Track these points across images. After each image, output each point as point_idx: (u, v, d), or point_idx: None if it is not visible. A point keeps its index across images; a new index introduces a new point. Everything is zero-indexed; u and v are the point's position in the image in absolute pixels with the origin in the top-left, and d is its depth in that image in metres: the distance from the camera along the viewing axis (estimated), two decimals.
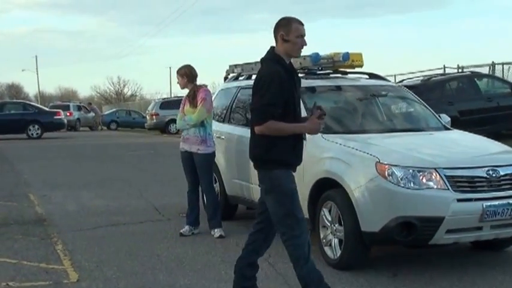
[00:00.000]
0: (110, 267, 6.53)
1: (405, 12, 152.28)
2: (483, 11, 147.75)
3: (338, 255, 6.34)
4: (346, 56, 7.80)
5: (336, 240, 6.40)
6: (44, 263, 6.66)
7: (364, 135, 6.89)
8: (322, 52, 7.89)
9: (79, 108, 47.73)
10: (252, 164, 7.80)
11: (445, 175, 5.86)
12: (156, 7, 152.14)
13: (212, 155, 7.91)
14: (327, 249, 6.54)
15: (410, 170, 5.90)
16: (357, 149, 6.34)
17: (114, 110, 54.30)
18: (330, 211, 6.48)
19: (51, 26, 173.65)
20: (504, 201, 5.94)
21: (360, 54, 7.97)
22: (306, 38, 5.09)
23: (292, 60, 8.04)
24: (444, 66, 27.46)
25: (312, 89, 7.54)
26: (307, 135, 6.89)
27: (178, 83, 8.01)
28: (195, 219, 8.00)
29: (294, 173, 5.12)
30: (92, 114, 48.27)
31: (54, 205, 10.35)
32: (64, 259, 6.84)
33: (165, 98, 40.70)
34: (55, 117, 32.32)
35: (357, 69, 8.30)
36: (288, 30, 5.00)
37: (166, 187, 12.38)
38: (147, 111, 38.81)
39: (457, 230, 5.92)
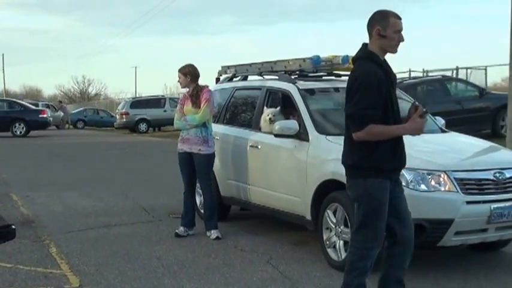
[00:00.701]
0: (111, 271, 6.20)
1: (362, 18, 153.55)
2: (437, 19, 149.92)
3: (343, 257, 6.11)
4: (346, 59, 7.58)
5: (341, 242, 6.18)
6: (41, 267, 6.30)
7: None
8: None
9: (47, 107, 46.76)
10: (249, 164, 7.66)
11: (454, 178, 5.70)
12: (122, 8, 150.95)
13: (213, 155, 7.63)
14: (330, 251, 6.32)
15: (420, 173, 5.72)
16: None
17: (81, 108, 53.40)
18: (334, 213, 6.25)
19: (17, 25, 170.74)
20: (510, 203, 5.81)
21: None
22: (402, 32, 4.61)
23: (291, 63, 7.95)
24: (410, 70, 27.60)
25: (311, 91, 7.30)
26: (310, 137, 6.72)
27: (179, 81, 7.68)
28: (190, 221, 7.71)
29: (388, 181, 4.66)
30: (59, 113, 47.32)
31: (39, 206, 9.93)
32: (61, 263, 6.49)
33: (135, 97, 40.23)
34: (40, 115, 31.32)
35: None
36: (385, 24, 4.55)
37: (151, 187, 12.03)
38: (117, 110, 38.25)
39: (465, 232, 5.77)
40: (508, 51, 14.70)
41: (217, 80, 9.70)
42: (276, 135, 6.96)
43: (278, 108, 7.53)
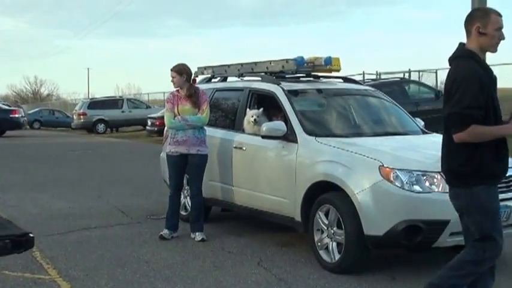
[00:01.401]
0: (101, 276, 5.91)
1: (308, 22, 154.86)
2: (380, 24, 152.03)
3: (336, 258, 5.97)
4: (328, 60, 7.47)
5: (334, 244, 6.02)
6: (28, 273, 5.97)
7: (357, 138, 6.57)
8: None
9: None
10: (233, 165, 7.44)
11: None
12: (75, 10, 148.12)
13: (207, 156, 7.37)
14: (322, 252, 6.16)
15: (415, 174, 5.60)
16: (356, 153, 5.98)
17: (37, 109, 52.10)
18: (326, 214, 6.09)
19: None
20: (502, 204, 5.68)
21: (338, 59, 7.65)
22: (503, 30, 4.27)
23: (272, 64, 7.77)
24: (364, 72, 27.72)
25: (296, 92, 7.13)
26: (298, 138, 6.54)
27: (173, 81, 7.35)
28: (176, 223, 7.45)
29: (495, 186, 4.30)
30: None
31: (13, 208, 9.49)
32: (48, 268, 6.16)
33: (93, 98, 39.35)
34: (11, 115, 30.18)
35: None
36: (486, 22, 4.21)
37: (123, 188, 11.67)
38: (74, 111, 37.41)
39: (459, 233, 5.62)
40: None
41: (194, 81, 9.45)
42: (264, 137, 6.76)
43: (261, 109, 7.33)
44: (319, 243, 6.19)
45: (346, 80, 8.35)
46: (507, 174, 5.81)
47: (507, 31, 4.37)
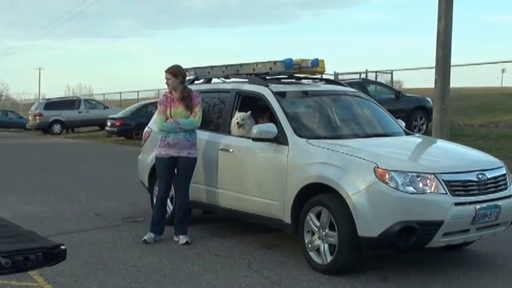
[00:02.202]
0: (91, 282, 5.70)
1: (255, 24, 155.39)
2: (326, 27, 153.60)
3: (328, 260, 5.89)
4: (316, 62, 7.40)
5: (326, 246, 5.94)
6: (15, 280, 5.67)
7: (348, 140, 6.49)
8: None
9: None
10: (219, 168, 7.25)
11: (442, 180, 5.57)
12: (26, 11, 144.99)
13: (196, 158, 7.21)
14: (312, 254, 6.07)
15: (410, 175, 5.56)
16: (349, 154, 5.91)
17: None
18: (317, 216, 6.00)
19: None
20: (491, 204, 5.76)
21: (323, 61, 7.58)
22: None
23: (259, 66, 7.65)
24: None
25: (285, 94, 7.02)
26: (289, 140, 6.43)
27: (167, 83, 7.13)
28: (163, 227, 7.26)
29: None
30: None
31: None
32: (34, 274, 5.87)
33: (49, 99, 38.35)
34: None
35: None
36: None
37: (93, 190, 11.36)
38: (30, 111, 36.48)
39: (451, 233, 5.66)
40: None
41: None
42: (254, 139, 6.63)
43: (249, 112, 7.20)
44: (309, 245, 6.10)
45: (328, 81, 8.29)
46: (495, 175, 5.94)
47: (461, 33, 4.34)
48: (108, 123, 26.07)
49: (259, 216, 6.79)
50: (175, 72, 7.08)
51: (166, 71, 7.11)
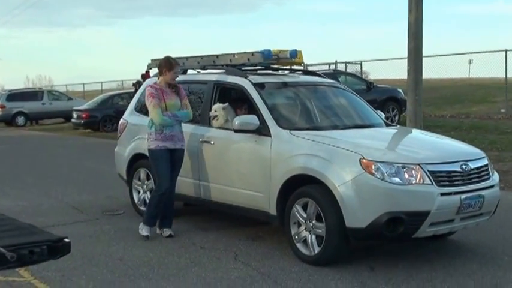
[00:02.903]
0: (79, 276, 5.72)
1: (219, 13, 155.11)
2: (289, 16, 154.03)
3: (316, 251, 5.98)
4: (294, 53, 7.47)
5: (313, 237, 6.04)
6: (1, 276, 5.66)
7: (330, 131, 6.59)
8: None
9: None
10: (200, 160, 7.29)
11: (428, 170, 5.70)
12: None
13: None
14: (299, 245, 6.16)
15: (395, 166, 5.68)
16: (333, 145, 6.01)
17: None
18: (304, 207, 6.09)
19: None
20: (475, 194, 5.91)
21: (301, 52, 7.66)
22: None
23: (236, 56, 7.69)
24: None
25: (264, 85, 7.08)
26: (272, 132, 6.50)
27: (177, 75, 7.13)
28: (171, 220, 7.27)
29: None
30: None
31: None
32: (20, 270, 5.85)
33: (11, 90, 37.71)
34: None
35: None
36: None
37: (67, 183, 11.29)
38: None
39: (437, 223, 5.80)
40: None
41: (147, 73, 9.26)
42: (236, 131, 6.69)
43: (226, 104, 7.25)
44: (296, 237, 6.19)
45: (306, 72, 8.38)
46: (478, 165, 6.10)
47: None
48: (74, 115, 25.79)
49: (244, 208, 6.85)
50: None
51: (177, 64, 7.09)
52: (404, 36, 12.79)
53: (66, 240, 3.26)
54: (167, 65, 7.03)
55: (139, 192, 8.34)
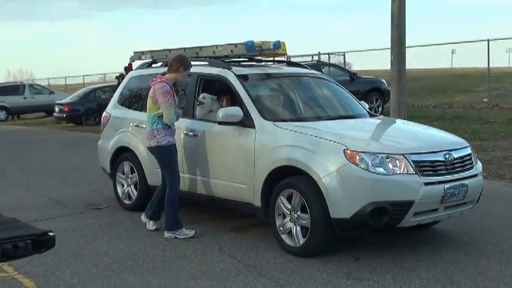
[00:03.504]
0: (63, 271, 5.70)
1: (202, 5, 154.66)
2: (273, 7, 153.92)
3: (301, 242, 6.01)
4: (278, 44, 7.49)
5: (298, 228, 6.06)
6: None
7: (314, 122, 6.60)
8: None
9: None
10: (183, 152, 7.27)
11: (411, 160, 5.73)
12: None
13: None
14: (284, 237, 6.18)
15: (379, 156, 5.71)
16: (317, 137, 6.02)
17: None
18: (288, 199, 6.11)
19: None
20: (459, 183, 5.96)
21: (284, 43, 7.67)
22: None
23: (219, 48, 7.68)
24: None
25: (247, 77, 7.08)
26: (256, 124, 6.50)
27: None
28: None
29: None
30: None
31: None
32: (3, 265, 5.83)
33: None
34: None
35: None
36: None
37: (50, 178, 11.27)
38: None
39: (421, 213, 5.84)
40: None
41: (129, 66, 9.21)
42: (220, 123, 6.68)
43: (214, 96, 7.26)
44: (281, 228, 6.21)
45: (289, 63, 8.38)
46: (461, 155, 6.15)
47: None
48: (56, 109, 25.65)
49: (228, 201, 6.86)
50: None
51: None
52: (388, 27, 12.85)
53: (51, 234, 3.25)
54: (186, 63, 6.90)
55: (123, 185, 8.33)
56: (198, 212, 7.89)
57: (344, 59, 27.64)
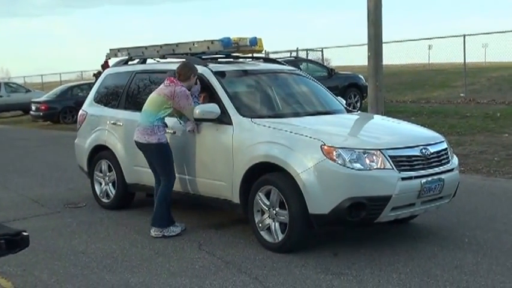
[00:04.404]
0: (41, 271, 5.67)
1: (180, 1, 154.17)
2: (248, 4, 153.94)
3: (280, 238, 6.03)
4: (254, 40, 7.50)
5: (277, 224, 6.08)
6: None
7: (291, 118, 6.63)
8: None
9: None
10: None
11: (388, 155, 5.77)
12: None
13: None
14: (263, 233, 6.20)
15: (356, 152, 5.74)
16: (295, 133, 6.05)
17: None
18: (267, 195, 6.13)
19: None
20: (436, 177, 6.02)
21: (261, 40, 7.68)
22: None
23: (196, 45, 7.67)
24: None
25: (224, 74, 7.08)
26: (233, 120, 6.50)
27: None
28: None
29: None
30: None
31: None
32: None
33: None
34: None
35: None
36: None
37: (27, 177, 11.16)
38: None
39: (399, 207, 5.88)
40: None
41: (105, 63, 9.17)
42: (197, 120, 6.68)
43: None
44: (260, 224, 6.22)
45: (266, 60, 8.39)
46: (437, 149, 6.22)
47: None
48: (33, 108, 25.41)
49: (207, 198, 6.86)
50: None
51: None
52: (365, 23, 12.88)
53: (25, 233, 3.24)
54: (195, 70, 6.85)
55: (101, 184, 8.30)
56: (177, 209, 7.83)
57: (322, 55, 27.68)
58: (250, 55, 8.27)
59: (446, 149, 6.36)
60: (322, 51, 27.76)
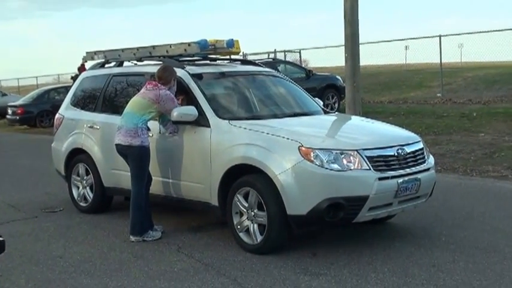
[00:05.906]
0: (18, 276, 5.63)
1: (158, 3, 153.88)
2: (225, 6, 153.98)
3: (258, 240, 6.05)
4: (231, 42, 7.50)
5: (255, 226, 6.09)
6: None
7: (269, 120, 6.64)
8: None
9: None
10: None
11: (365, 156, 5.82)
12: None
13: None
14: (242, 235, 6.21)
15: (334, 153, 5.77)
16: (272, 134, 6.07)
17: None
18: (245, 197, 6.14)
19: None
20: (412, 177, 6.07)
21: (238, 41, 7.69)
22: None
23: (173, 47, 7.66)
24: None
25: (202, 76, 7.08)
26: (211, 123, 6.51)
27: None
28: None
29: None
30: None
31: None
32: None
33: None
34: None
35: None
36: None
37: (3, 181, 11.05)
38: None
39: (376, 207, 5.93)
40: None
41: (82, 66, 9.11)
42: (175, 122, 6.68)
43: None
44: (238, 226, 6.23)
45: (244, 62, 8.40)
46: (413, 149, 6.28)
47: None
48: (9, 112, 25.22)
49: (186, 200, 6.86)
50: None
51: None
52: (342, 24, 12.95)
53: (0, 238, 3.21)
54: (175, 73, 6.82)
55: (78, 188, 8.25)
56: (156, 212, 7.80)
57: (300, 57, 27.79)
58: (227, 57, 8.27)
59: (422, 148, 6.42)
60: (300, 52, 27.87)
